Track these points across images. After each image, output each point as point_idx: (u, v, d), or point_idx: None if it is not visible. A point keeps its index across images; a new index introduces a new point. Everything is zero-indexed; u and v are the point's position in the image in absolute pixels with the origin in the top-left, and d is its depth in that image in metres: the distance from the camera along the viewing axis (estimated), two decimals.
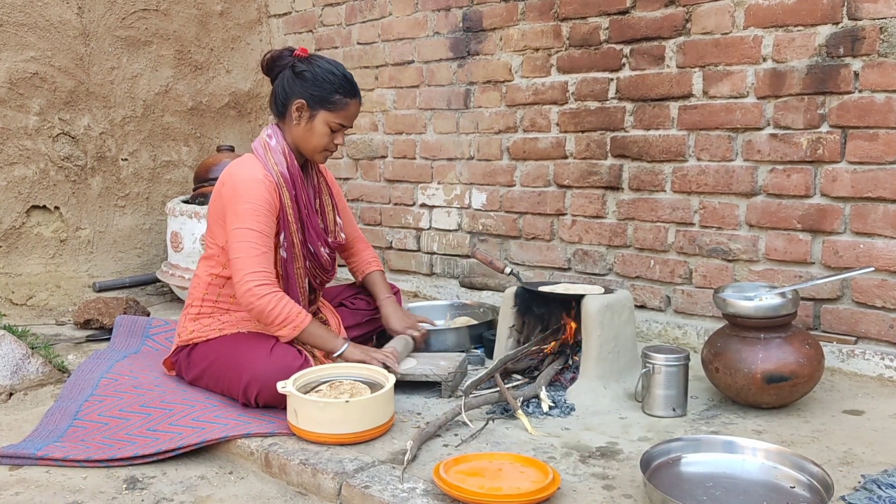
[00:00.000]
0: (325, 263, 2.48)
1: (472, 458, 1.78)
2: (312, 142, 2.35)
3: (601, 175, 3.04)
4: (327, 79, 2.30)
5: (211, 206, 2.38)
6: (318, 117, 2.32)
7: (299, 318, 2.22)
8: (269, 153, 2.33)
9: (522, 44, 3.23)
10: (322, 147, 2.36)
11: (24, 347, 2.62)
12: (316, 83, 2.30)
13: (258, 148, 2.36)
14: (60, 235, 3.70)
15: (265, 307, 2.18)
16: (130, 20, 3.85)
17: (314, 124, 2.32)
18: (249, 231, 2.21)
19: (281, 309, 2.19)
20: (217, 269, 2.36)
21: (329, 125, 2.33)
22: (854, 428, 2.05)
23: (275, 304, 2.19)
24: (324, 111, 2.31)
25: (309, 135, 2.34)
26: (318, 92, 2.30)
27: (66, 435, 2.16)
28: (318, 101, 2.31)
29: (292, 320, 2.21)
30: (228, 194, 2.27)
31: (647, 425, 2.09)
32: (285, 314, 2.20)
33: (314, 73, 2.30)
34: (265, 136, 2.37)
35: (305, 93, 2.30)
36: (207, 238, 2.40)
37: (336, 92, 2.31)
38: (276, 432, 2.03)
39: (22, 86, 3.51)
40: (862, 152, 2.43)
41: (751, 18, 2.61)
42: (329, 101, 2.31)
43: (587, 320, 2.29)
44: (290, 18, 4.26)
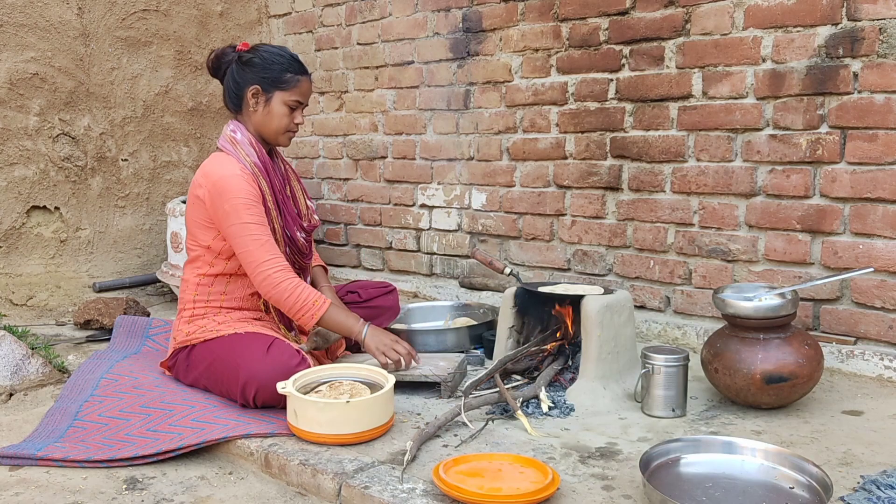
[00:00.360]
0: (303, 247, 2.50)
1: (471, 458, 1.79)
2: (273, 124, 2.37)
3: (601, 175, 3.04)
4: (275, 60, 2.35)
5: (189, 209, 2.38)
6: (274, 98, 2.35)
7: (317, 304, 2.25)
8: (237, 147, 2.35)
9: (522, 44, 3.23)
10: (284, 128, 2.39)
11: (24, 348, 2.63)
12: (265, 67, 2.34)
13: (226, 145, 2.37)
14: (60, 236, 3.70)
15: (281, 295, 2.23)
16: (130, 21, 3.85)
17: (272, 106, 2.36)
18: (247, 225, 2.24)
19: (298, 295, 2.23)
20: (204, 269, 2.37)
21: (287, 104, 2.36)
22: (853, 428, 2.05)
23: (291, 290, 2.23)
24: (278, 91, 2.35)
25: (269, 118, 2.37)
26: (269, 74, 2.34)
27: (67, 435, 2.16)
28: (271, 83, 2.35)
29: (310, 307, 2.24)
30: (210, 195, 2.28)
31: (646, 426, 2.09)
32: (303, 300, 2.24)
33: (262, 57, 2.35)
34: (229, 131, 2.39)
35: (257, 77, 2.34)
36: (189, 242, 2.42)
37: (286, 71, 2.35)
38: (276, 433, 2.03)
39: (22, 86, 3.52)
40: (861, 153, 2.43)
41: (750, 19, 2.61)
42: (281, 80, 2.35)
43: (587, 321, 2.29)
44: (290, 19, 4.26)
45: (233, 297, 2.39)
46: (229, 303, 2.39)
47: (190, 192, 2.37)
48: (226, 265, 2.36)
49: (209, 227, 2.33)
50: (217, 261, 2.36)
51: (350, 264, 4.10)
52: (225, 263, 2.36)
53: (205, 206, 2.30)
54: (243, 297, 2.41)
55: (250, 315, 2.41)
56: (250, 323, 2.36)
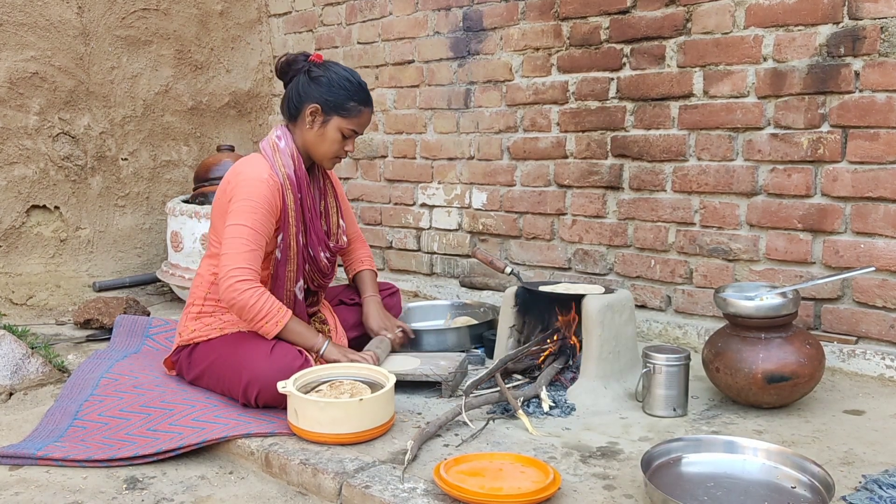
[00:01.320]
0: (324, 268, 2.48)
1: (472, 458, 1.78)
2: (324, 147, 2.35)
3: (602, 175, 3.04)
4: (343, 85, 2.31)
5: (215, 204, 2.37)
6: (331, 123, 2.32)
7: (280, 313, 2.22)
8: (277, 154, 2.33)
9: (523, 43, 3.23)
10: (333, 153, 2.37)
11: (24, 347, 2.62)
12: (332, 89, 2.31)
13: (266, 148, 2.35)
14: (60, 235, 3.70)
15: (246, 302, 2.18)
16: (130, 20, 3.84)
17: (327, 129, 2.33)
18: (243, 227, 2.22)
19: (262, 304, 2.19)
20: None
21: (342, 131, 2.33)
22: (855, 428, 2.05)
23: (255, 299, 2.18)
24: (338, 117, 2.32)
25: (321, 140, 2.34)
26: (334, 98, 2.30)
27: (67, 435, 2.16)
28: (333, 107, 2.31)
29: (273, 316, 2.20)
30: (233, 191, 2.27)
31: (647, 425, 2.09)
32: (266, 310, 2.20)
33: (330, 78, 2.31)
34: (274, 136, 2.37)
35: (321, 98, 2.31)
36: (211, 236, 2.40)
37: (351, 99, 2.32)
38: (277, 432, 2.03)
39: (22, 85, 3.51)
40: (863, 152, 2.43)
41: (751, 18, 2.61)
42: (344, 107, 2.31)
43: (588, 320, 2.28)
44: (291, 18, 4.26)
45: None
46: None
47: (219, 188, 2.36)
48: None
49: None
50: None
51: None
52: None
53: (228, 203, 2.29)
54: None
55: None
56: None
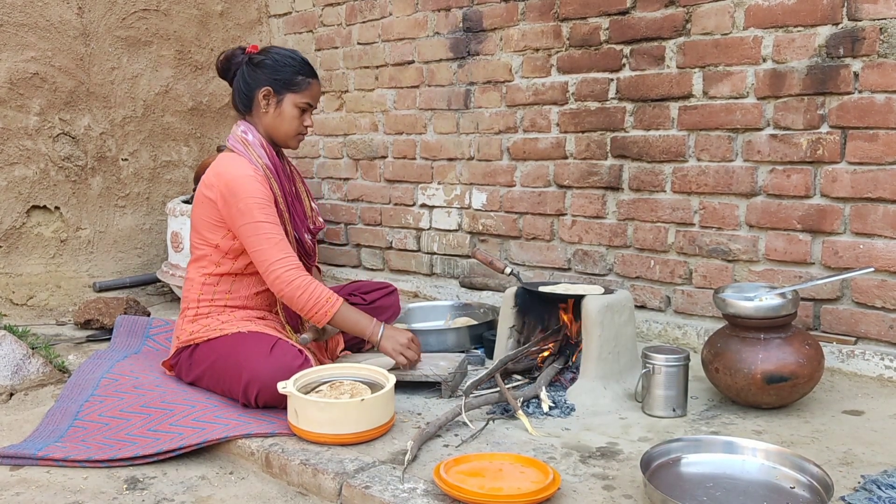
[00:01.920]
0: (309, 249, 2.51)
1: (472, 458, 1.79)
2: (284, 126, 2.39)
3: (601, 175, 3.04)
4: (287, 63, 2.37)
5: (196, 208, 2.38)
6: (285, 100, 2.37)
7: (329, 302, 2.24)
8: (249, 148, 2.36)
9: (523, 44, 3.23)
10: (294, 130, 2.41)
11: (24, 347, 2.63)
12: (277, 68, 2.36)
13: (237, 145, 2.37)
14: (61, 235, 3.70)
15: (294, 293, 2.22)
16: (131, 20, 3.85)
17: (283, 108, 2.37)
18: (261, 224, 2.25)
19: (311, 293, 2.23)
20: (210, 269, 2.37)
21: (297, 106, 2.38)
22: (854, 428, 2.05)
23: (303, 288, 2.22)
24: (290, 93, 2.37)
25: (279, 120, 2.38)
26: (281, 75, 2.36)
27: (67, 435, 2.16)
28: (283, 85, 2.36)
29: (322, 305, 2.23)
30: (223, 195, 2.28)
31: (647, 425, 2.09)
32: (315, 298, 2.23)
33: (273, 59, 2.37)
34: (240, 132, 2.39)
35: (269, 79, 2.36)
36: (195, 240, 2.41)
37: (298, 73, 2.37)
38: (277, 432, 2.03)
39: (22, 86, 3.51)
40: (862, 153, 2.43)
41: (751, 19, 2.61)
42: (293, 82, 2.37)
43: (587, 320, 2.29)
44: (291, 18, 4.26)
45: (237, 295, 2.39)
46: (234, 302, 2.39)
47: (199, 191, 2.37)
48: (232, 265, 2.36)
49: (218, 227, 2.33)
50: (224, 260, 2.36)
51: (350, 264, 4.10)
52: (232, 263, 2.36)
53: (215, 206, 2.30)
54: (248, 297, 2.41)
55: (254, 314, 2.41)
56: (254, 322, 2.36)
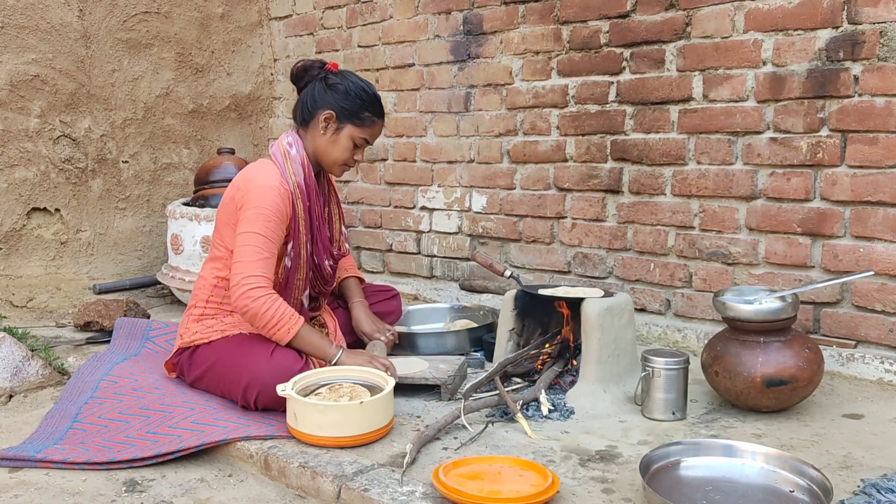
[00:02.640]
0: (327, 275, 2.50)
1: (471, 461, 1.79)
2: (334, 154, 2.36)
3: (601, 178, 3.04)
4: (360, 95, 2.33)
5: (221, 209, 2.37)
6: (344, 130, 2.34)
7: (292, 321, 2.20)
8: (288, 161, 2.33)
9: (523, 47, 3.23)
10: (343, 161, 2.38)
11: (24, 349, 2.62)
12: (348, 97, 2.32)
13: (277, 155, 2.35)
14: (61, 237, 3.70)
15: (259, 309, 2.17)
16: (131, 23, 3.85)
17: (340, 137, 2.34)
18: (256, 235, 2.21)
19: (275, 312, 2.18)
20: (224, 272, 2.35)
21: (354, 140, 2.35)
22: (854, 432, 2.05)
23: (269, 306, 2.17)
24: (351, 125, 2.33)
25: (333, 147, 2.35)
26: (349, 106, 2.32)
27: (66, 437, 2.16)
28: (348, 115, 2.32)
29: (285, 323, 2.19)
30: (243, 198, 2.26)
31: (646, 429, 2.09)
32: (279, 317, 2.18)
33: (347, 87, 2.33)
34: (285, 143, 2.36)
35: (336, 105, 2.32)
36: (216, 240, 2.40)
37: (366, 109, 2.34)
38: (276, 435, 2.03)
39: (23, 88, 3.52)
40: (862, 156, 2.43)
41: (751, 22, 2.61)
42: (359, 116, 2.33)
43: (587, 323, 2.29)
44: (291, 21, 4.26)
45: None
46: None
47: (227, 192, 2.35)
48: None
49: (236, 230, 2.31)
50: None
51: None
52: None
53: (237, 209, 2.28)
54: None
55: None
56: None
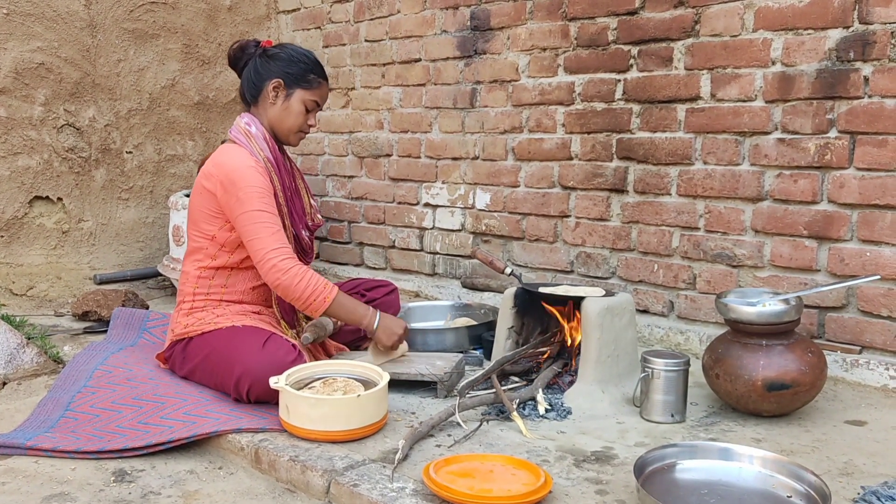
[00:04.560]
0: (306, 246, 2.49)
1: (463, 458, 1.76)
2: (289, 121, 2.39)
3: (606, 177, 3.01)
4: (302, 59, 2.39)
5: (195, 200, 2.36)
6: (294, 95, 2.38)
7: (327, 289, 2.22)
8: (252, 140, 2.34)
9: (530, 43, 3.20)
10: (298, 127, 2.41)
11: (19, 337, 2.61)
12: (291, 62, 2.37)
13: (239, 137, 2.36)
14: (62, 227, 3.69)
15: (291, 282, 2.19)
16: (138, 13, 3.84)
17: (291, 102, 2.38)
18: (260, 213, 2.23)
19: (308, 282, 2.20)
20: (206, 262, 2.35)
21: (305, 104, 2.39)
22: (856, 438, 2.01)
23: (300, 277, 2.19)
24: (300, 89, 2.38)
25: (286, 114, 2.38)
26: (294, 70, 2.37)
27: (58, 425, 2.15)
28: (295, 79, 2.37)
29: (321, 292, 2.21)
30: (223, 185, 2.26)
31: (644, 431, 2.05)
32: (313, 286, 2.20)
33: (288, 54, 2.39)
34: (243, 124, 2.38)
35: (281, 72, 2.36)
36: (192, 231, 2.39)
37: (311, 72, 2.39)
38: (268, 428, 2.01)
39: (28, 76, 3.51)
40: (870, 158, 2.39)
41: (760, 21, 2.57)
42: (305, 79, 2.38)
43: (587, 323, 2.25)
44: (299, 15, 4.24)
45: (233, 290, 2.37)
46: (229, 296, 2.37)
47: (197, 182, 2.36)
48: (228, 258, 2.34)
49: (216, 217, 2.31)
50: (220, 253, 2.34)
51: (353, 262, 4.08)
52: (228, 256, 2.34)
53: (214, 197, 2.29)
54: (244, 291, 2.39)
55: (250, 309, 2.39)
56: (248, 316, 2.34)
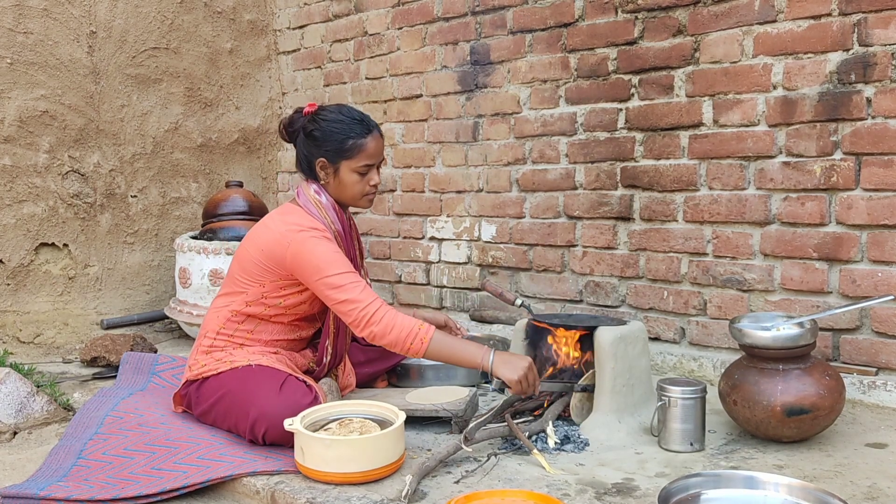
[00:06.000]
0: None
1: (483, 495, 1.73)
2: (347, 192, 2.35)
3: (612, 205, 3.01)
4: (335, 129, 2.30)
5: (249, 242, 2.34)
6: (341, 169, 2.32)
7: (422, 330, 2.13)
8: (322, 210, 2.33)
9: (530, 76, 3.22)
10: (359, 193, 2.36)
11: (29, 385, 2.59)
12: (326, 138, 2.31)
13: (310, 206, 2.33)
14: (69, 272, 3.69)
15: (388, 328, 2.12)
16: (140, 58, 3.87)
17: (341, 176, 2.33)
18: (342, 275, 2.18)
19: (401, 324, 2.12)
20: (240, 307, 2.33)
21: (355, 171, 2.32)
22: (878, 461, 1.99)
23: (390, 319, 2.12)
24: (344, 161, 2.31)
25: (342, 187, 2.35)
26: (332, 146, 2.31)
27: (70, 474, 2.12)
28: (335, 154, 2.31)
29: (415, 332, 2.12)
30: (293, 245, 2.23)
31: (663, 460, 2.03)
32: (408, 328, 2.12)
33: (322, 129, 2.32)
34: (313, 192, 2.35)
35: (321, 151, 2.32)
36: (237, 273, 2.35)
37: (348, 138, 2.30)
38: (283, 470, 1.98)
39: (32, 124, 3.53)
40: (877, 179, 2.39)
41: (760, 46, 2.59)
42: (344, 149, 2.30)
43: (600, 352, 2.24)
44: (300, 55, 4.28)
45: (257, 338, 2.36)
46: (251, 343, 2.35)
47: (266, 234, 2.31)
48: (264, 309, 2.33)
49: (271, 272, 2.28)
50: (258, 303, 2.32)
51: None
52: (264, 308, 2.33)
53: (284, 258, 2.24)
54: (267, 341, 2.37)
55: (268, 349, 2.36)
56: (265, 356, 2.32)
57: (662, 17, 2.81)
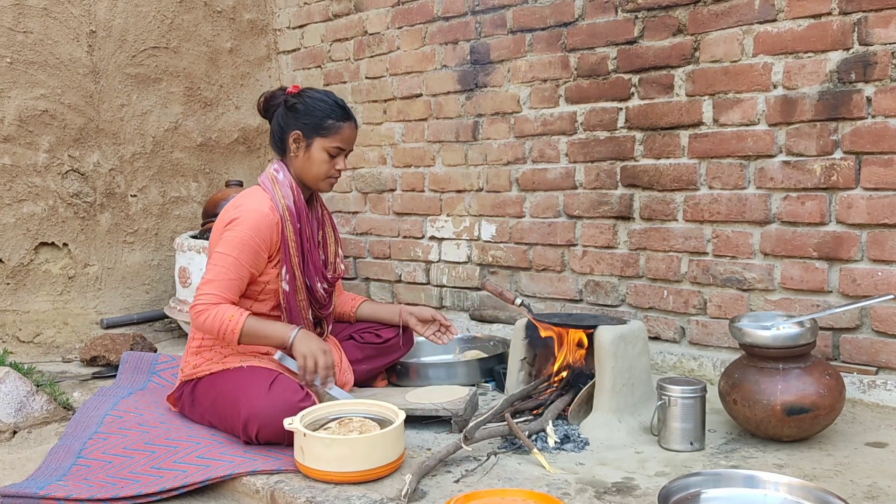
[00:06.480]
0: (321, 298, 2.48)
1: (484, 494, 1.73)
2: (313, 170, 2.39)
3: (612, 205, 3.01)
4: (318, 106, 2.36)
5: (213, 236, 2.37)
6: (314, 145, 2.37)
7: (233, 320, 2.17)
8: (276, 186, 2.36)
9: (530, 75, 3.22)
10: (324, 174, 2.39)
11: (28, 385, 2.59)
12: (307, 112, 2.36)
13: (266, 181, 2.38)
14: (68, 272, 3.69)
15: (202, 323, 2.19)
16: (140, 58, 3.87)
17: (311, 152, 2.37)
18: (227, 257, 2.23)
19: (215, 316, 2.17)
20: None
21: (326, 151, 2.37)
22: (878, 461, 1.98)
23: (206, 315, 2.18)
24: (319, 137, 2.36)
25: (308, 164, 2.38)
26: (311, 120, 2.36)
27: (70, 473, 2.12)
28: (312, 129, 2.36)
29: (227, 324, 2.17)
30: (230, 221, 2.28)
31: (663, 460, 2.03)
32: (220, 319, 2.17)
33: (305, 103, 2.37)
34: (272, 170, 2.41)
35: (299, 123, 2.36)
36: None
37: (328, 117, 2.36)
38: (283, 469, 1.98)
39: (31, 123, 3.53)
40: (877, 178, 2.39)
41: (760, 46, 2.59)
42: (322, 126, 2.36)
43: (600, 352, 2.24)
44: (299, 54, 4.28)
45: None
46: None
47: (218, 219, 2.36)
48: (251, 304, 2.34)
49: None
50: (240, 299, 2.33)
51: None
52: (251, 302, 2.34)
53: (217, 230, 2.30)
54: None
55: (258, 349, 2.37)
56: (256, 357, 2.33)
57: (662, 17, 2.81)
